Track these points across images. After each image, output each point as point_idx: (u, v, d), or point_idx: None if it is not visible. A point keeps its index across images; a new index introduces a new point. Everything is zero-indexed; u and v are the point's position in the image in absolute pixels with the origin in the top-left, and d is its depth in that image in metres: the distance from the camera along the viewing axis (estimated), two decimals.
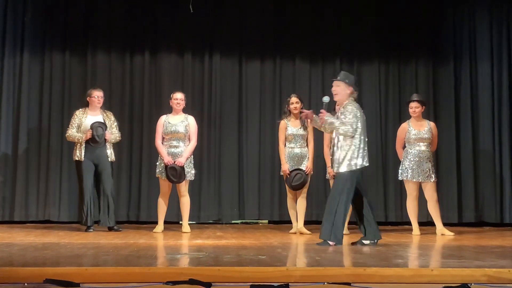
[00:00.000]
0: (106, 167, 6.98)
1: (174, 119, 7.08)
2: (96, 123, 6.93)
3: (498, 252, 5.10)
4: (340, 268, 3.99)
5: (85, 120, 6.99)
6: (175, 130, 6.99)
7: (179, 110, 7.11)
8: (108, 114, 7.20)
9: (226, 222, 8.45)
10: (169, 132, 7.00)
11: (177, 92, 7.22)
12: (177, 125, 7.02)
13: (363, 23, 8.77)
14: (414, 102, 7.12)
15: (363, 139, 5.57)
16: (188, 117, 7.13)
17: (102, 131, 6.94)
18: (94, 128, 6.89)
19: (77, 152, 6.92)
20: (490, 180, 8.56)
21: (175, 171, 6.87)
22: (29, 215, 8.12)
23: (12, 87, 8.29)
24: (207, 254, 4.71)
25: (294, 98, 7.12)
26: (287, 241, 6.09)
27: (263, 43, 8.72)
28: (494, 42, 8.79)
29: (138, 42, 8.55)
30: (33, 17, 8.35)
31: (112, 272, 3.70)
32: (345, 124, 5.51)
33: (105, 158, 6.99)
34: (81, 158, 6.89)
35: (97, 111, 7.09)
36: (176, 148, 6.98)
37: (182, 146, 7.00)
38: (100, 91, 7.13)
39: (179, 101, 7.08)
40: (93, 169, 6.93)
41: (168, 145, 7.01)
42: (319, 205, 8.37)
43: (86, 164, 6.90)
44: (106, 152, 7.01)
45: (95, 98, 7.02)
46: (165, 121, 7.07)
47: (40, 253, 4.75)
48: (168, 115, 7.15)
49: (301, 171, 6.94)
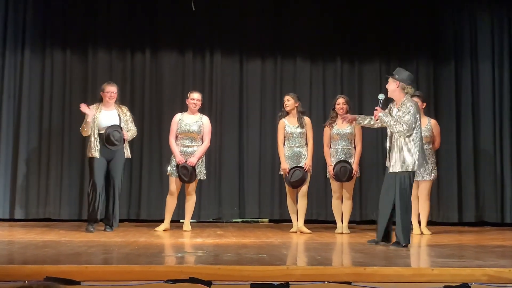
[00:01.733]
0: (119, 164, 6.75)
1: (189, 118, 7.01)
2: (110, 128, 6.65)
3: (499, 252, 5.10)
4: (340, 267, 4.00)
5: (99, 115, 6.69)
6: (188, 130, 6.94)
7: (195, 110, 7.04)
8: (123, 108, 6.93)
9: (227, 221, 8.45)
10: (183, 131, 6.94)
11: (195, 92, 7.16)
12: (191, 124, 6.96)
13: (364, 22, 8.76)
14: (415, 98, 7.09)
15: (419, 137, 5.43)
16: (203, 117, 7.06)
17: (119, 134, 6.68)
18: (111, 134, 6.61)
19: (92, 150, 6.63)
20: (490, 180, 8.56)
21: (187, 171, 6.84)
22: (30, 213, 8.11)
23: (13, 85, 8.28)
24: (208, 252, 4.72)
25: (286, 96, 7.18)
26: (288, 240, 6.09)
27: (264, 42, 8.71)
28: (495, 41, 8.78)
29: (139, 40, 8.54)
30: (33, 15, 8.34)
31: (112, 270, 3.70)
32: (401, 123, 5.35)
33: (121, 155, 6.76)
34: (94, 155, 6.61)
35: (111, 106, 6.82)
36: (189, 148, 6.94)
37: (195, 146, 6.96)
38: (113, 86, 6.85)
39: (195, 102, 7.01)
40: (105, 166, 6.69)
41: (181, 144, 6.95)
42: (319, 204, 8.38)
43: (99, 161, 6.64)
44: (121, 149, 6.76)
45: (107, 93, 6.76)
46: (179, 120, 7.00)
47: (40, 251, 4.75)
48: (184, 113, 7.08)
49: (300, 168, 6.95)
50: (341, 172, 6.93)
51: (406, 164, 5.35)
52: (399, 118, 5.40)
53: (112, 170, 6.74)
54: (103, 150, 6.66)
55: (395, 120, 5.40)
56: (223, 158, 8.51)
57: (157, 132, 8.34)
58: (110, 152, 6.70)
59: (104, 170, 6.70)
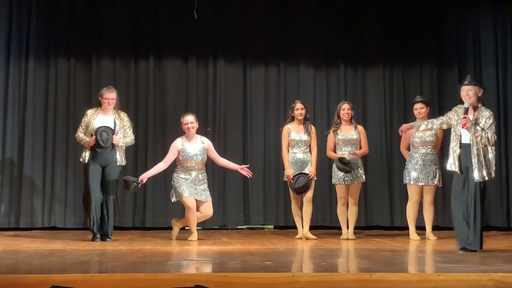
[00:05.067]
0: (112, 171, 6.63)
1: (191, 146, 6.72)
2: (100, 127, 6.55)
3: (505, 257, 5.08)
4: (346, 273, 3.99)
5: (94, 120, 6.63)
6: (196, 160, 6.70)
7: (193, 135, 6.75)
8: (122, 115, 6.79)
9: (232, 228, 8.44)
10: (189, 160, 6.69)
11: (187, 115, 6.83)
12: (196, 154, 6.70)
13: (367, 28, 8.77)
14: (419, 103, 7.08)
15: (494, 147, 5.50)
16: (204, 141, 6.81)
17: (107, 135, 6.54)
18: (98, 133, 6.50)
19: (84, 155, 6.60)
20: (496, 185, 8.51)
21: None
22: (35, 221, 8.12)
23: (18, 94, 8.31)
24: (213, 260, 4.71)
25: (299, 104, 7.10)
26: (293, 247, 6.08)
27: (267, 48, 8.72)
28: (498, 45, 8.78)
29: (143, 48, 8.57)
30: (38, 24, 8.38)
31: (118, 279, 3.70)
32: (491, 132, 5.41)
33: (114, 163, 6.63)
34: (88, 160, 6.57)
35: (109, 112, 6.71)
36: (191, 176, 6.74)
37: (198, 171, 6.76)
38: (112, 92, 6.71)
39: (189, 125, 6.70)
40: (100, 173, 6.59)
41: (186, 172, 6.72)
42: (324, 211, 8.37)
43: (94, 168, 6.57)
44: (115, 156, 6.64)
45: (105, 100, 6.65)
46: (182, 149, 6.69)
47: (46, 260, 4.76)
48: (184, 141, 6.77)
49: (304, 175, 6.92)
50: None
51: (489, 173, 5.43)
52: (488, 127, 5.42)
53: (105, 177, 6.61)
54: (97, 156, 6.57)
55: (482, 129, 5.41)
56: None
57: (161, 139, 8.34)
58: (104, 158, 6.60)
59: (99, 177, 6.60)
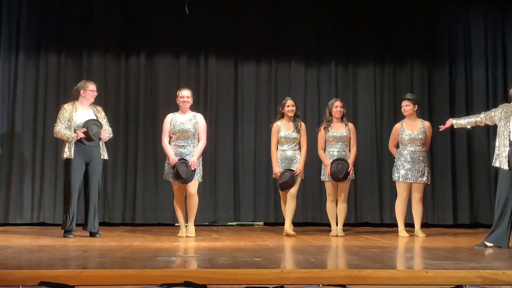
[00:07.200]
0: (98, 166, 6.52)
1: (181, 117, 6.68)
2: (90, 120, 6.45)
3: (493, 254, 5.11)
4: (335, 270, 4.00)
5: (76, 115, 6.47)
6: (183, 129, 6.59)
7: (187, 109, 6.72)
8: (99, 108, 6.71)
9: (222, 224, 8.45)
10: (177, 131, 6.60)
11: (183, 89, 6.82)
12: (185, 123, 6.62)
13: (358, 26, 8.79)
14: (405, 101, 7.12)
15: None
16: (196, 115, 6.74)
17: (98, 129, 6.45)
18: (89, 127, 6.38)
19: (66, 150, 6.41)
20: (484, 182, 8.59)
21: (186, 168, 6.45)
22: (24, 217, 8.09)
23: (7, 89, 8.27)
24: (202, 256, 4.71)
25: (290, 101, 7.06)
26: (283, 243, 6.09)
27: (259, 45, 8.72)
28: (489, 45, 8.83)
29: (134, 44, 8.55)
30: (28, 19, 8.34)
31: (107, 275, 3.69)
32: None
33: (98, 157, 6.52)
34: (71, 156, 6.38)
35: (87, 106, 6.58)
36: (184, 148, 6.59)
37: (190, 146, 6.61)
38: (94, 84, 6.65)
39: (185, 99, 6.69)
40: (83, 169, 6.45)
41: (175, 144, 6.61)
42: (314, 207, 8.39)
43: (77, 163, 6.40)
44: (98, 150, 6.53)
45: (90, 92, 6.52)
46: (172, 119, 6.67)
47: (35, 255, 4.74)
48: (175, 113, 6.75)
49: (290, 171, 6.89)
50: (338, 169, 6.91)
51: None
52: None
53: (90, 173, 6.49)
54: (80, 150, 6.43)
55: None
56: (218, 161, 8.51)
57: (151, 136, 8.33)
58: (87, 153, 6.47)
59: (81, 173, 6.46)
